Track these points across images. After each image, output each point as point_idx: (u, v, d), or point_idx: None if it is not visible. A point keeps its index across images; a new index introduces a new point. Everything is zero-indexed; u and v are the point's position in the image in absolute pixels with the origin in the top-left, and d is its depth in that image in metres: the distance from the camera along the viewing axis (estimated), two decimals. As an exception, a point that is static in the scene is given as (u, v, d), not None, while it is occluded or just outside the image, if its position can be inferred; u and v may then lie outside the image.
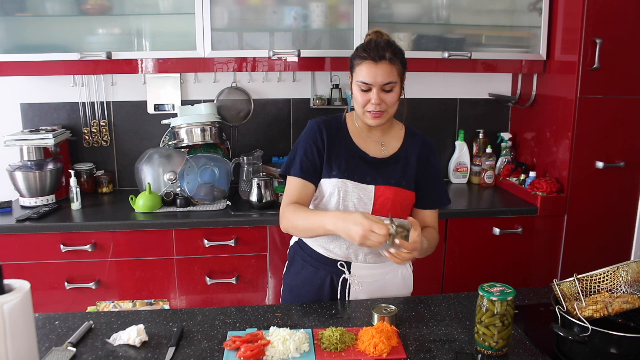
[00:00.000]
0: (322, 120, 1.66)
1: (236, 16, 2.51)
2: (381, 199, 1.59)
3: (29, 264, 2.26)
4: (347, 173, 1.59)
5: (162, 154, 2.57)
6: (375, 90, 1.53)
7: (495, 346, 1.25)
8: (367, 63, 1.52)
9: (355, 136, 1.65)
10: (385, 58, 1.51)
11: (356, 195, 1.59)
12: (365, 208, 1.59)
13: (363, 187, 1.59)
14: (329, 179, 1.60)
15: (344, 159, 1.61)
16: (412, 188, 1.64)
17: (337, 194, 1.59)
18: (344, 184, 1.58)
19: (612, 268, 1.31)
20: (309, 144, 1.62)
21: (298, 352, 1.26)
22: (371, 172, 1.61)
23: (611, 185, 2.48)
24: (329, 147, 1.61)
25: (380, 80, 1.52)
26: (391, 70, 1.52)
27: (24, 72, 2.45)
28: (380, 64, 1.51)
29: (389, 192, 1.60)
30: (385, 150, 1.65)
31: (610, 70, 2.36)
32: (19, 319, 1.06)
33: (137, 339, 1.29)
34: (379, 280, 1.66)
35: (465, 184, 2.91)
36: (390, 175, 1.61)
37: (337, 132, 1.64)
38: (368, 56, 1.52)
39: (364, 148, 1.64)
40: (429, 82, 2.92)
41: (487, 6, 2.64)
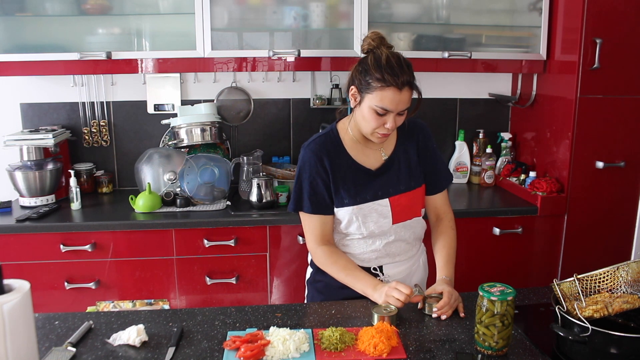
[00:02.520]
0: (317, 146, 1.58)
1: (236, 16, 2.51)
2: (398, 209, 1.60)
3: (29, 264, 2.26)
4: (358, 197, 1.57)
5: (162, 154, 2.57)
6: (393, 115, 1.48)
7: (495, 346, 1.25)
8: (391, 90, 1.44)
9: (353, 151, 1.60)
10: (407, 84, 1.46)
11: (374, 215, 1.59)
12: (385, 222, 1.60)
13: (378, 203, 1.59)
14: (344, 208, 1.58)
15: (351, 183, 1.57)
16: (421, 182, 1.64)
17: (355, 220, 1.59)
18: (360, 209, 1.58)
19: (612, 268, 1.31)
20: (313, 178, 1.57)
21: (298, 352, 1.26)
22: (379, 184, 1.59)
23: (611, 185, 2.48)
24: (334, 175, 1.57)
25: (402, 107, 1.48)
26: (411, 96, 1.49)
27: (24, 72, 2.45)
28: (403, 92, 1.46)
29: (403, 199, 1.61)
30: (385, 154, 1.63)
31: (610, 70, 2.36)
32: (19, 319, 1.06)
33: (137, 339, 1.29)
34: (408, 273, 1.71)
35: (465, 184, 2.91)
36: (399, 181, 1.60)
37: (336, 155, 1.59)
38: (394, 82, 1.44)
39: (365, 162, 1.60)
40: (429, 82, 2.92)
41: (487, 6, 2.64)
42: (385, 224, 1.60)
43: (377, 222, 1.60)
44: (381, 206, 1.59)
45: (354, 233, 1.62)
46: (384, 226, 1.61)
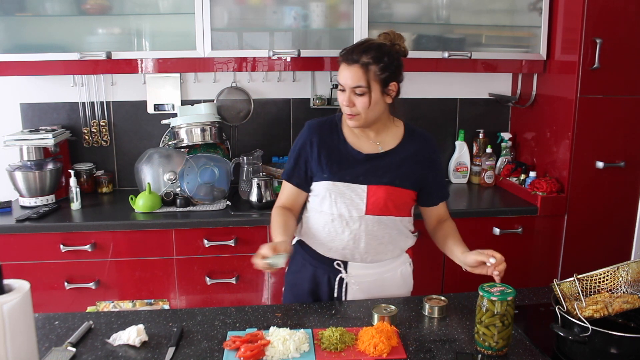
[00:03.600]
0: (315, 122, 1.67)
1: (236, 16, 2.51)
2: (373, 199, 1.59)
3: (29, 264, 2.26)
4: (338, 174, 1.59)
5: (162, 154, 2.57)
6: (347, 92, 1.53)
7: (495, 346, 1.25)
8: (342, 65, 1.54)
9: (349, 135, 1.64)
10: (358, 62, 1.50)
11: (348, 197, 1.59)
12: (357, 208, 1.59)
13: (355, 187, 1.59)
14: (321, 182, 1.61)
15: (336, 160, 1.61)
16: (407, 186, 1.62)
17: (328, 196, 1.60)
18: (335, 187, 1.59)
19: (612, 268, 1.31)
20: (300, 150, 1.65)
21: (298, 352, 1.26)
22: (364, 170, 1.60)
23: (611, 185, 2.48)
24: (320, 150, 1.61)
25: (350, 83, 1.52)
26: (362, 74, 1.50)
27: (23, 72, 2.45)
28: (352, 67, 1.51)
29: (381, 191, 1.58)
30: (381, 148, 1.63)
31: (610, 70, 2.36)
32: (19, 319, 1.06)
33: (137, 339, 1.29)
34: (377, 279, 1.66)
35: (465, 184, 2.91)
36: (384, 174, 1.60)
37: (330, 133, 1.64)
38: (342, 58, 1.54)
39: (358, 146, 1.63)
40: (429, 82, 2.92)
41: (487, 6, 2.64)
42: (358, 210, 1.58)
43: (349, 206, 1.58)
44: (358, 191, 1.58)
45: (326, 212, 1.61)
46: (356, 212, 1.59)
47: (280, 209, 1.66)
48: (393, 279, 1.69)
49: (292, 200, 1.68)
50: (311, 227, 1.67)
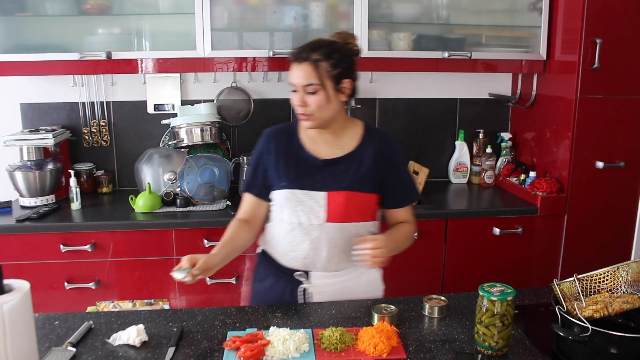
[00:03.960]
0: (273, 130, 1.64)
1: (236, 16, 2.51)
2: (333, 205, 1.54)
3: (29, 264, 2.26)
4: (296, 182, 1.55)
5: (162, 154, 2.57)
6: (300, 91, 1.50)
7: (495, 346, 1.25)
8: (292, 64, 1.50)
9: (307, 141, 1.60)
10: (308, 59, 1.47)
11: (307, 205, 1.55)
12: (317, 216, 1.54)
13: (314, 194, 1.54)
14: (279, 191, 1.57)
15: (294, 167, 1.57)
16: (368, 190, 1.57)
17: (287, 205, 1.56)
18: (294, 195, 1.55)
19: (612, 268, 1.31)
20: (258, 159, 1.62)
21: (298, 352, 1.26)
22: (322, 176, 1.55)
23: (611, 185, 2.48)
24: (278, 158, 1.58)
25: (301, 82, 1.48)
26: (312, 72, 1.47)
27: (23, 72, 2.45)
28: (302, 65, 1.48)
29: (340, 197, 1.54)
30: (339, 151, 1.58)
31: (610, 70, 2.36)
32: (19, 319, 1.06)
33: (137, 339, 1.29)
34: (341, 287, 1.61)
35: (465, 184, 2.91)
36: (342, 179, 1.55)
37: (287, 140, 1.60)
38: (293, 57, 1.50)
39: (315, 152, 1.58)
40: (429, 82, 2.92)
41: (487, 6, 2.64)
42: (316, 219, 1.55)
43: (308, 214, 1.55)
44: (317, 198, 1.54)
45: (286, 221, 1.58)
46: (315, 220, 1.55)
47: (234, 222, 1.63)
48: (359, 286, 1.63)
49: (251, 211, 1.64)
50: (273, 237, 1.63)
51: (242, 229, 1.61)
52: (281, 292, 1.62)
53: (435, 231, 2.43)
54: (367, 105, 2.88)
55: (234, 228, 1.61)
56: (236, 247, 1.58)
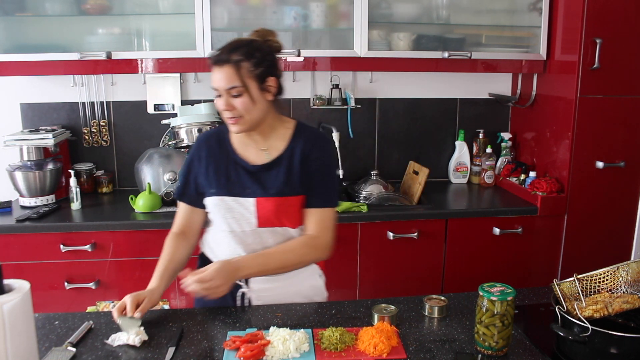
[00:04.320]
0: (204, 136, 1.60)
1: (236, 16, 2.51)
2: (263, 212, 1.50)
3: (29, 264, 2.26)
4: (225, 189, 1.51)
5: (162, 154, 2.57)
6: (224, 95, 1.44)
7: (495, 346, 1.25)
8: (213, 68, 1.43)
9: (238, 145, 1.56)
10: (229, 61, 1.41)
11: (238, 212, 1.51)
12: (249, 222, 1.51)
13: (243, 201, 1.50)
14: (209, 198, 1.54)
15: (224, 174, 1.53)
16: (298, 193, 1.52)
17: (217, 212, 1.53)
18: (222, 202, 1.51)
19: (612, 268, 1.31)
20: (189, 166, 1.58)
21: (298, 352, 1.26)
22: (252, 182, 1.51)
23: (611, 185, 2.48)
24: (208, 164, 1.54)
25: (223, 86, 1.42)
26: (234, 74, 1.41)
27: (24, 72, 2.45)
28: (223, 68, 1.41)
29: (269, 204, 1.49)
30: (268, 155, 1.54)
31: (610, 70, 2.36)
32: (19, 319, 1.06)
33: (136, 339, 1.29)
34: (281, 293, 1.58)
35: (465, 184, 2.91)
36: (272, 184, 1.51)
37: (219, 145, 1.56)
38: (212, 61, 1.43)
39: (246, 156, 1.54)
40: (429, 82, 2.92)
41: (487, 6, 2.64)
42: (247, 225, 1.52)
43: (239, 220, 1.51)
44: (246, 205, 1.51)
45: (218, 228, 1.56)
46: (247, 227, 1.52)
47: (172, 237, 1.59)
48: (301, 292, 1.60)
49: (187, 221, 1.61)
50: (209, 242, 1.62)
51: (179, 247, 1.58)
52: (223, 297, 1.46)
53: (435, 231, 2.43)
54: (367, 105, 2.88)
55: (171, 249, 1.57)
56: (177, 269, 1.56)
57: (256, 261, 1.47)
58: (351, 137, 2.88)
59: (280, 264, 1.49)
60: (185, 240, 1.61)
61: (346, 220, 2.36)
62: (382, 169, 2.86)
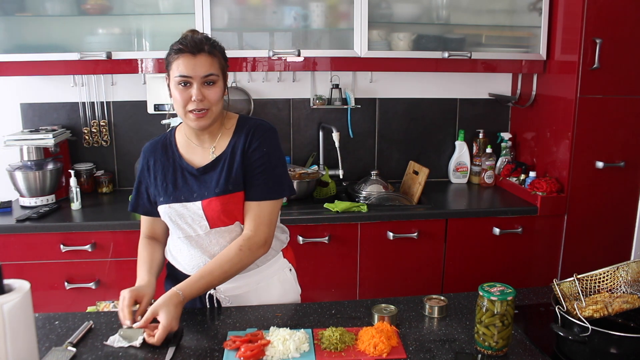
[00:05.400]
0: (149, 145, 1.59)
1: (236, 16, 2.51)
2: (211, 213, 1.47)
3: (29, 264, 2.26)
4: (173, 196, 1.49)
5: (162, 154, 2.57)
6: (197, 84, 1.41)
7: (495, 346, 1.25)
8: (184, 56, 1.41)
9: (184, 149, 1.54)
10: (205, 50, 1.42)
11: (189, 217, 1.49)
12: (200, 225, 1.49)
13: (191, 205, 1.48)
14: (160, 207, 1.52)
15: (171, 181, 1.51)
16: (241, 188, 1.48)
17: (169, 220, 1.51)
18: (172, 209, 1.49)
19: (612, 268, 1.31)
20: (140, 177, 1.58)
21: (298, 352, 1.26)
22: (198, 185, 1.49)
23: (611, 185, 2.48)
24: (155, 173, 1.53)
25: (201, 72, 1.40)
26: (212, 62, 1.43)
27: (24, 72, 2.45)
28: (199, 56, 1.41)
29: (215, 204, 1.46)
30: (213, 153, 1.51)
31: (610, 70, 2.36)
32: (19, 319, 1.06)
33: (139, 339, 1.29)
34: (250, 291, 1.57)
35: (465, 184, 2.91)
36: (216, 184, 1.47)
37: (164, 153, 1.54)
38: (185, 49, 1.42)
39: (192, 160, 1.52)
40: (429, 82, 2.92)
41: (487, 6, 2.64)
42: (201, 227, 1.49)
43: (192, 225, 1.49)
44: (194, 208, 1.48)
45: (174, 234, 1.55)
46: (200, 230, 1.49)
47: (144, 241, 1.61)
48: (270, 288, 1.59)
49: (150, 228, 1.62)
50: (171, 250, 1.60)
51: (156, 248, 1.60)
52: (191, 302, 1.44)
53: (435, 231, 2.43)
54: (367, 105, 2.88)
55: (149, 246, 1.59)
56: (159, 268, 1.58)
57: (198, 284, 1.40)
58: (351, 137, 2.88)
59: (222, 278, 1.44)
60: (156, 242, 1.63)
61: (346, 220, 2.36)
62: (382, 169, 2.87)
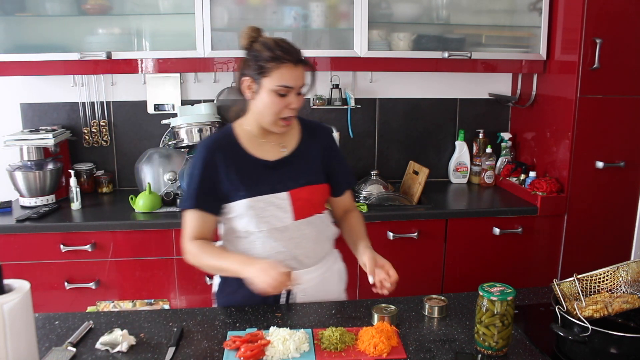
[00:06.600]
0: (211, 141, 1.56)
1: (236, 16, 2.51)
2: (299, 203, 1.54)
3: (29, 264, 2.26)
4: (254, 189, 1.51)
5: (162, 154, 2.57)
6: (293, 94, 1.47)
7: (495, 346, 1.25)
8: (286, 66, 1.44)
9: (249, 145, 1.56)
10: (302, 61, 1.48)
11: (272, 209, 1.52)
12: (285, 217, 1.53)
13: (276, 196, 1.52)
14: (239, 202, 1.51)
15: (246, 175, 1.52)
16: (323, 180, 1.62)
17: (252, 214, 1.51)
18: (256, 202, 1.51)
19: (612, 268, 1.31)
20: (203, 173, 1.51)
21: (298, 352, 1.26)
22: (278, 177, 1.54)
23: (611, 185, 2.48)
24: (227, 168, 1.52)
25: (300, 83, 1.48)
26: (305, 73, 1.50)
27: (24, 72, 2.45)
28: (298, 67, 1.47)
29: (303, 193, 1.55)
30: (284, 149, 1.58)
31: (610, 70, 2.36)
32: (19, 319, 1.06)
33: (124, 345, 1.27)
34: (319, 282, 1.61)
35: (465, 184, 2.91)
36: (299, 175, 1.56)
37: (231, 149, 1.55)
38: (289, 58, 1.45)
39: (262, 155, 1.55)
40: (429, 82, 2.92)
41: (487, 6, 2.64)
42: (285, 219, 1.53)
43: (275, 216, 1.52)
44: (279, 199, 1.52)
45: (254, 231, 1.53)
46: (285, 221, 1.53)
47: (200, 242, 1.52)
48: (332, 278, 1.67)
49: (203, 229, 1.54)
50: (241, 249, 1.57)
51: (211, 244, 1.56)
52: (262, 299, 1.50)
53: (435, 231, 2.43)
54: (367, 105, 2.88)
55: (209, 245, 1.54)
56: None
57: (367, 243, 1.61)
58: (351, 137, 2.88)
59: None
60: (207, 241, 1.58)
61: (346, 220, 2.35)
62: (382, 169, 2.86)
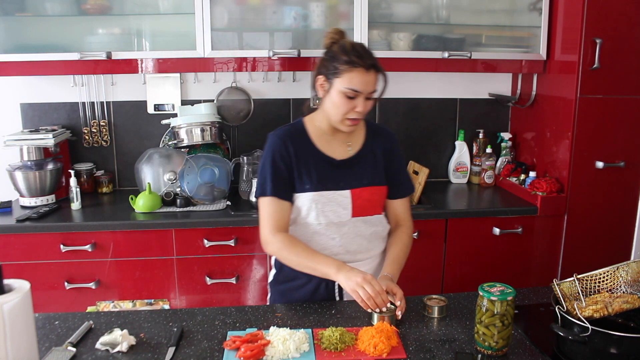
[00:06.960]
0: (283, 132, 1.62)
1: (236, 16, 2.51)
2: (359, 202, 1.61)
3: (29, 264, 2.26)
4: (320, 184, 1.58)
5: (162, 154, 2.57)
6: (362, 98, 1.53)
7: (495, 346, 1.25)
8: (358, 71, 1.50)
9: (318, 141, 1.63)
10: (374, 68, 1.52)
11: (333, 204, 1.59)
12: (344, 214, 1.60)
13: (339, 194, 1.59)
14: (304, 194, 1.58)
15: (313, 169, 1.59)
16: (384, 183, 1.67)
17: (315, 207, 1.58)
18: (320, 196, 1.58)
19: (612, 268, 1.31)
20: (276, 162, 1.58)
21: (298, 352, 1.26)
22: (342, 175, 1.61)
23: (611, 185, 2.48)
24: (297, 160, 1.59)
25: (369, 89, 1.53)
26: (377, 79, 1.54)
27: (24, 72, 2.45)
28: (370, 72, 1.51)
29: (364, 193, 1.62)
30: (350, 148, 1.65)
31: (610, 70, 2.36)
32: (19, 319, 1.06)
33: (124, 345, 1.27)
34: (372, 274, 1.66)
35: (465, 184, 2.91)
36: (362, 176, 1.63)
37: (301, 142, 1.61)
38: (362, 63, 1.50)
39: (330, 152, 1.63)
40: (429, 82, 2.92)
41: (487, 6, 2.64)
42: (344, 215, 1.60)
43: (335, 212, 1.59)
44: (341, 197, 1.59)
45: (313, 223, 1.60)
46: (343, 217, 1.60)
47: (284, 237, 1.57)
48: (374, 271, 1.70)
49: (281, 218, 1.58)
50: (301, 238, 1.62)
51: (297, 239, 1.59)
52: (315, 289, 1.62)
53: (435, 231, 2.43)
54: (367, 105, 2.87)
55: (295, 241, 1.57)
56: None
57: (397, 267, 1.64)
58: (351, 137, 2.87)
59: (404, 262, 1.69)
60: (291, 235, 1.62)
61: (346, 220, 2.35)
62: (382, 169, 2.86)
